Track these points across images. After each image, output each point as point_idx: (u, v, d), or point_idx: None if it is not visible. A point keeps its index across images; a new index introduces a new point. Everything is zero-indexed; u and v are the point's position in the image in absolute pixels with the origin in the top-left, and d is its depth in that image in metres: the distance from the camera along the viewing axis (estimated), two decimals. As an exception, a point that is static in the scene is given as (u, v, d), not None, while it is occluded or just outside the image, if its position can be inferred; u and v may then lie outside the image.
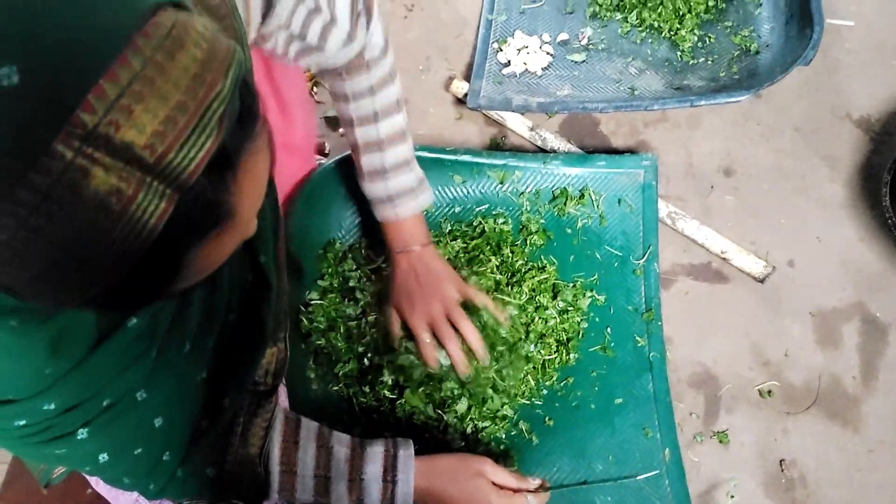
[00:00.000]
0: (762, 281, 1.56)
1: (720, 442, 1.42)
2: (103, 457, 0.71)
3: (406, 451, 1.02)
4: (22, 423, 0.63)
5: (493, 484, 1.05)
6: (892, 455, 1.43)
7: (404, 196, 1.23)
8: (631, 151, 1.70)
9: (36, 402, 0.62)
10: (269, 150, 0.53)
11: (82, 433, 0.68)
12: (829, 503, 1.39)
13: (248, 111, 0.48)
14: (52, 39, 0.38)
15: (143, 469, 0.77)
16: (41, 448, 0.68)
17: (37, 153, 0.38)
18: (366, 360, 1.31)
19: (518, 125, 1.69)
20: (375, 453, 1.01)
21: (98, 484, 1.11)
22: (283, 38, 0.96)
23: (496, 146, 1.71)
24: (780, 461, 1.41)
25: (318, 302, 1.38)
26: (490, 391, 1.26)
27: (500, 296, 1.33)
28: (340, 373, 1.32)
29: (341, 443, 1.00)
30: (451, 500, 1.02)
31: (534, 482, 1.11)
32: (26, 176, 0.38)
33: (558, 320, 1.39)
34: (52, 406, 0.64)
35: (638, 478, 1.29)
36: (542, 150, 1.68)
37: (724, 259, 1.57)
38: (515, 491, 1.07)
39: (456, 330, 1.18)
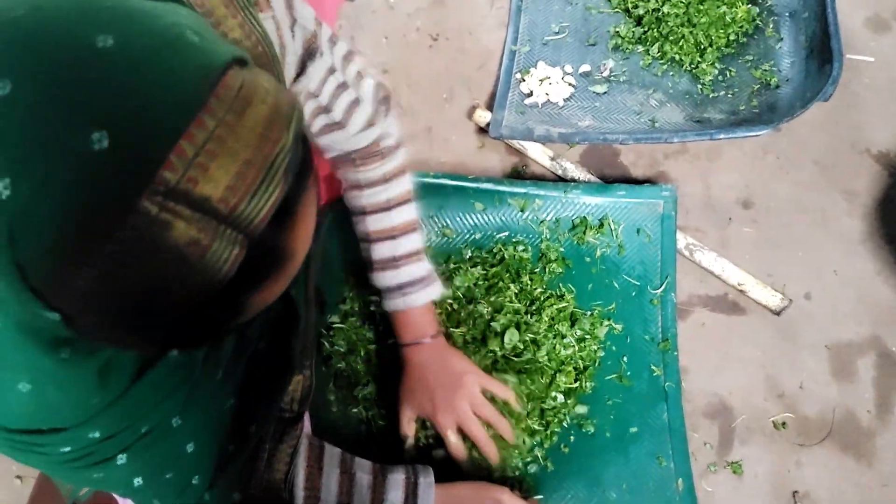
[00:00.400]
0: (779, 313, 1.57)
1: (734, 472, 1.43)
2: (138, 481, 0.74)
3: (426, 479, 1.04)
4: (67, 449, 0.66)
5: None
6: (907, 491, 1.44)
7: (416, 285, 1.22)
8: (650, 182, 1.72)
9: (82, 431, 0.65)
10: (317, 194, 0.56)
11: (121, 458, 0.71)
12: (842, 537, 1.39)
13: (305, 161, 0.52)
14: (137, 104, 0.42)
15: (172, 492, 0.80)
16: (81, 472, 0.71)
17: (125, 210, 0.41)
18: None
19: (539, 155, 1.73)
20: (397, 481, 1.03)
21: (126, 501, 1.14)
22: (311, 108, 0.98)
23: (517, 175, 1.74)
24: (794, 493, 1.42)
25: (340, 325, 1.41)
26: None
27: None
28: (360, 395, 1.35)
29: (364, 469, 1.03)
30: None
31: None
32: (114, 232, 0.41)
33: (577, 349, 1.41)
34: (97, 434, 0.67)
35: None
36: (563, 180, 1.71)
37: (740, 291, 1.59)
38: None
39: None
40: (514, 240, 1.55)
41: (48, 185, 0.40)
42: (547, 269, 1.51)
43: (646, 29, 1.87)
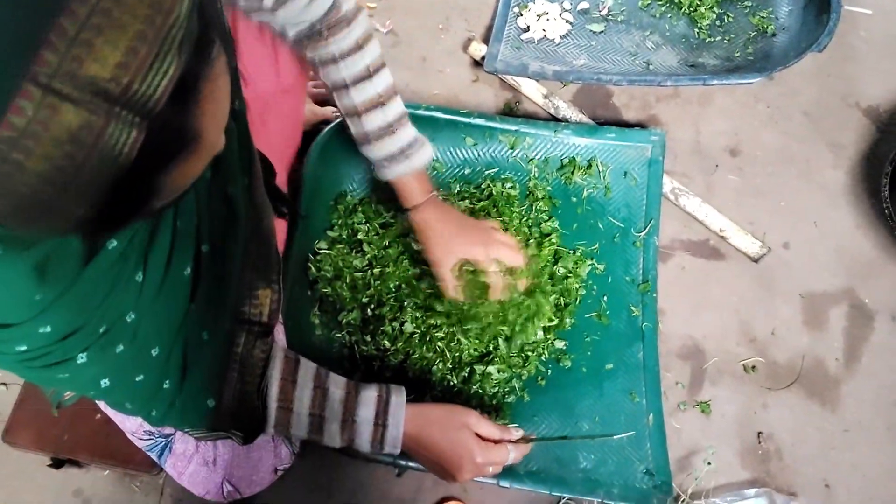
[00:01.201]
0: (757, 261, 1.61)
1: (702, 411, 1.48)
2: (104, 382, 0.76)
3: (398, 398, 1.08)
4: (23, 348, 0.68)
5: (477, 435, 1.10)
6: (867, 436, 1.50)
7: (414, 145, 1.24)
8: (641, 125, 1.73)
9: (31, 327, 0.66)
10: (227, 74, 0.55)
11: (81, 357, 0.72)
12: (802, 477, 1.45)
13: (204, 36, 0.50)
14: None
15: (144, 396, 0.82)
16: (44, 372, 0.72)
17: (9, 94, 0.40)
18: (369, 310, 1.37)
19: (533, 92, 1.73)
20: (369, 398, 1.06)
21: (106, 408, 1.17)
22: None
23: (510, 111, 1.74)
24: (758, 433, 1.48)
25: (327, 251, 1.43)
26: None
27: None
28: (343, 321, 1.38)
29: (337, 385, 1.05)
30: (437, 448, 1.08)
31: (516, 433, 1.17)
32: (3, 117, 0.40)
33: (558, 287, 1.44)
34: (48, 329, 0.67)
35: (615, 437, 1.35)
36: (555, 119, 1.72)
37: (721, 237, 1.62)
38: (497, 442, 1.13)
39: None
40: (502, 176, 1.56)
41: None
42: (534, 207, 1.53)
43: (647, -32, 1.85)
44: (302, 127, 1.47)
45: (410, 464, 1.25)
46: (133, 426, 1.18)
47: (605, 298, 1.49)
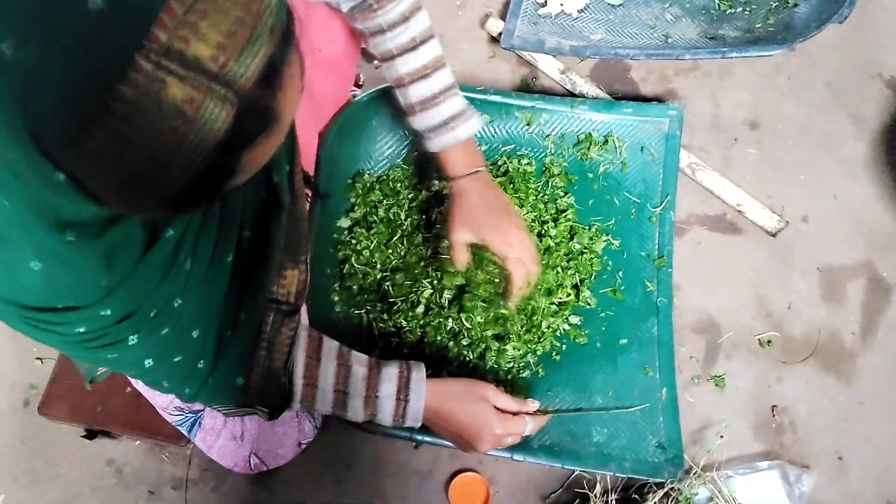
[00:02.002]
0: (774, 235, 1.61)
1: (716, 385, 1.50)
2: (148, 362, 0.81)
3: (418, 374, 1.11)
4: (82, 329, 0.72)
5: (496, 408, 1.14)
6: (882, 409, 1.51)
7: (459, 117, 1.25)
8: (659, 99, 1.73)
9: (95, 310, 0.71)
10: (301, 64, 0.59)
11: (132, 339, 0.77)
12: (815, 450, 1.47)
13: (288, 25, 0.55)
14: None
15: (180, 375, 0.87)
16: (96, 353, 0.77)
17: (125, 67, 0.45)
18: (386, 285, 1.40)
19: (549, 67, 1.73)
20: (391, 374, 1.09)
21: (137, 383, 1.22)
22: None
23: (526, 87, 1.75)
24: (773, 407, 1.49)
25: (347, 230, 1.47)
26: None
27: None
28: (363, 299, 1.41)
29: (360, 362, 1.09)
30: (456, 421, 1.11)
31: (533, 405, 1.20)
32: (117, 88, 0.45)
33: (571, 263, 1.46)
34: (109, 312, 0.72)
35: (629, 409, 1.38)
36: (571, 94, 1.72)
37: (739, 211, 1.62)
38: (515, 414, 1.16)
39: None
40: (518, 153, 1.57)
41: (53, 46, 0.44)
42: (550, 184, 1.54)
43: (666, -61, 1.83)
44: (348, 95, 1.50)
45: (427, 438, 1.28)
46: (164, 402, 1.23)
47: (620, 274, 1.50)
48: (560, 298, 1.42)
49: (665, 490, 1.32)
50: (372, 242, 1.45)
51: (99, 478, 1.42)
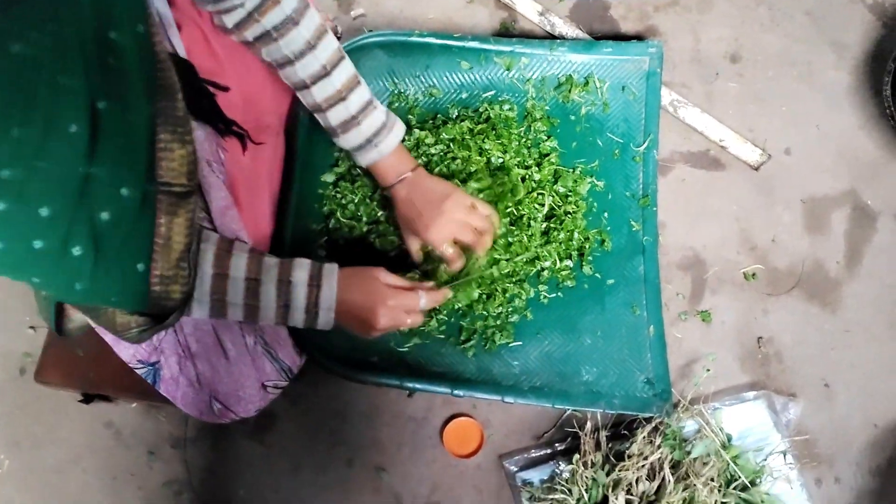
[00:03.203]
0: (757, 168, 1.61)
1: (703, 320, 1.52)
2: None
3: (330, 265, 1.14)
4: None
5: (388, 285, 1.17)
6: (867, 335, 1.53)
7: (381, 132, 1.27)
8: (639, 37, 1.71)
9: None
10: None
11: None
12: (801, 379, 1.50)
13: None
14: None
15: (49, 264, 0.80)
16: None
17: None
18: (372, 237, 1.41)
19: (528, 9, 1.71)
20: (303, 263, 1.11)
21: (106, 335, 1.20)
22: None
23: (506, 31, 1.73)
24: (758, 338, 1.51)
25: (331, 184, 1.46)
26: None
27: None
28: (350, 252, 1.42)
29: (272, 257, 1.11)
30: (351, 301, 1.13)
31: (428, 283, 1.23)
32: None
33: (561, 208, 1.46)
34: None
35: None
36: (551, 36, 1.70)
37: (722, 147, 1.62)
38: (409, 290, 1.19)
39: None
40: (499, 99, 1.56)
41: None
42: (532, 128, 1.54)
43: None
44: None
45: (418, 385, 1.30)
46: (127, 356, 1.22)
47: (606, 215, 1.51)
48: (548, 266, 1.44)
49: (654, 425, 1.34)
50: (357, 196, 1.45)
51: (98, 440, 1.45)
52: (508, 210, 1.41)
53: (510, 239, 1.40)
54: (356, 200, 1.44)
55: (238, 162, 1.28)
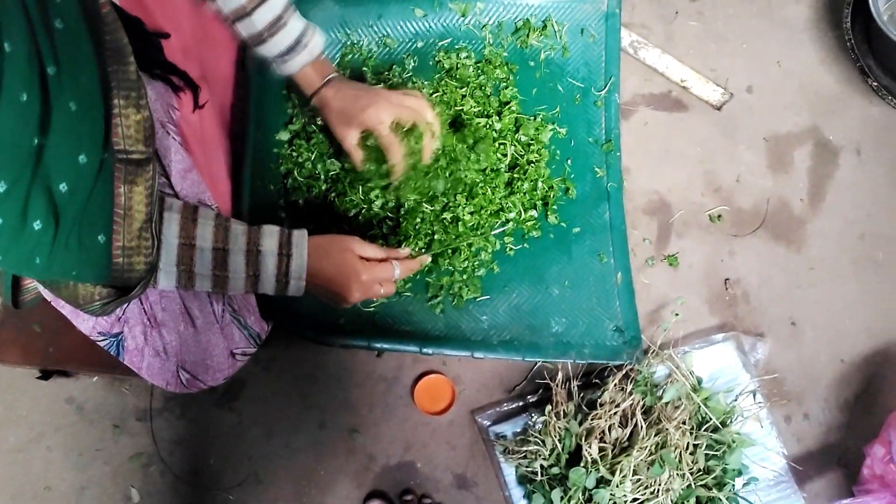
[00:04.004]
0: (720, 108, 1.60)
1: (670, 265, 1.51)
2: None
3: (300, 232, 1.10)
4: None
5: (361, 257, 1.13)
6: (831, 272, 1.54)
7: (307, 32, 1.22)
8: (596, -23, 1.67)
9: None
10: None
11: None
12: (769, 318, 1.50)
13: None
14: None
15: (7, 239, 0.77)
16: None
17: None
18: (331, 196, 1.37)
19: (481, -49, 1.65)
20: (271, 232, 1.08)
21: (63, 308, 1.16)
22: None
23: (459, -26, 1.67)
24: (725, 280, 1.51)
25: (287, 143, 1.42)
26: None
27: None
28: (307, 210, 1.38)
29: (238, 223, 1.07)
30: (324, 274, 1.10)
31: (403, 252, 1.20)
32: None
33: (524, 157, 1.43)
34: None
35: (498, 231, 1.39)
36: (506, -22, 1.65)
37: (683, 87, 1.60)
38: (382, 261, 1.16)
39: None
40: (456, 47, 1.52)
41: None
42: (490, 76, 1.50)
43: None
44: None
45: (386, 345, 1.29)
46: (87, 329, 1.18)
47: (569, 162, 1.48)
48: (512, 217, 1.41)
49: (625, 372, 1.34)
50: (313, 153, 1.40)
51: (60, 417, 1.41)
52: (479, 163, 1.37)
53: (477, 190, 1.37)
54: (313, 158, 1.40)
55: (187, 121, 1.23)
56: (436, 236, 1.33)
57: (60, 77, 0.77)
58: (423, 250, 1.32)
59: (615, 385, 1.33)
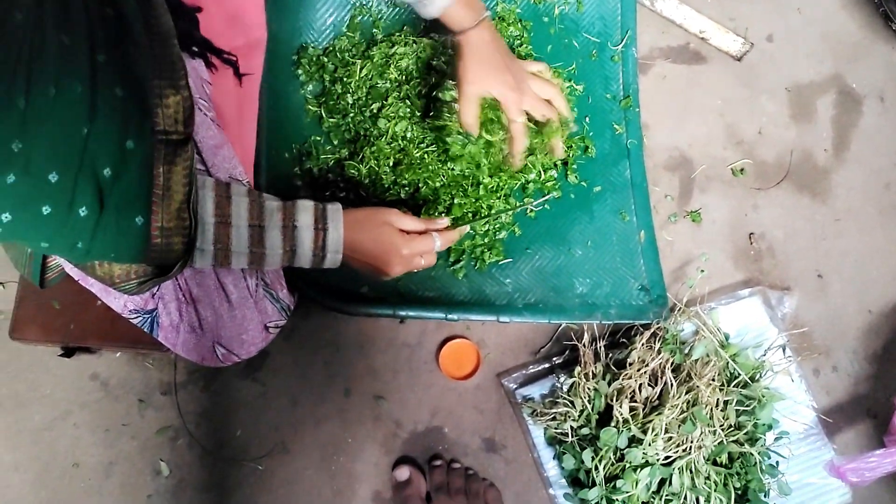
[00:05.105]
0: (740, 59, 1.56)
1: (693, 221, 1.49)
2: (6, 216, 0.72)
3: (334, 206, 1.09)
4: None
5: (401, 230, 1.12)
6: (858, 222, 1.51)
7: None
8: (609, -73, 1.62)
9: None
10: None
11: None
12: (795, 271, 1.48)
13: None
14: None
15: (57, 228, 0.78)
16: None
17: None
18: (349, 165, 1.35)
19: None
20: (306, 206, 1.06)
21: (93, 286, 1.16)
22: None
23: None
24: (750, 235, 1.49)
25: (314, 99, 1.40)
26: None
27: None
28: (324, 180, 1.36)
29: (272, 199, 1.06)
30: (364, 249, 1.10)
31: (442, 222, 1.18)
32: None
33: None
34: None
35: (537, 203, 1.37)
36: (516, -68, 1.61)
37: (702, 39, 1.56)
38: (422, 233, 1.15)
39: None
40: (468, 4, 1.48)
41: None
42: (505, 34, 1.46)
43: None
44: None
45: (411, 313, 1.27)
46: (118, 306, 1.18)
47: (588, 119, 1.46)
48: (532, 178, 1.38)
49: (652, 331, 1.32)
50: (337, 111, 1.38)
51: (85, 393, 1.41)
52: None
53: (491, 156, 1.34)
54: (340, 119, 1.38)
55: (224, 91, 1.20)
56: (455, 200, 1.31)
57: (109, 64, 0.78)
58: (444, 214, 1.29)
59: (643, 344, 1.31)
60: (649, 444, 1.23)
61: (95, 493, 1.36)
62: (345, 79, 1.40)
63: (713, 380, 1.29)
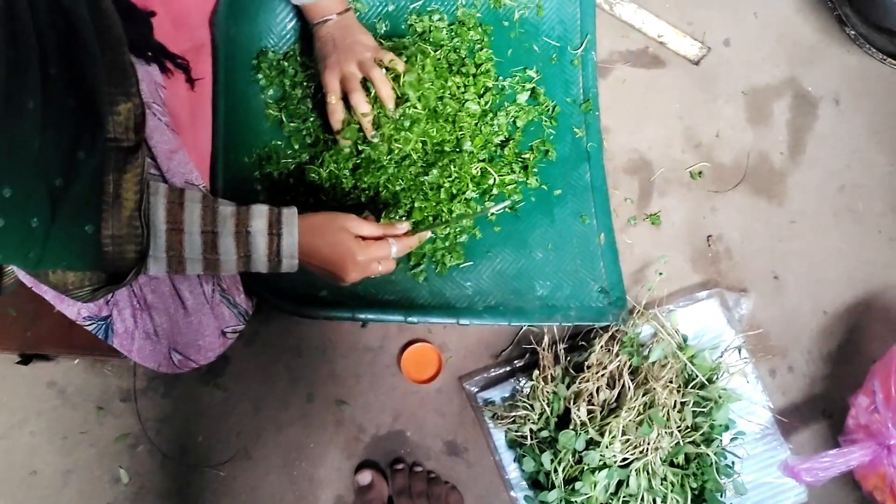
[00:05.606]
0: (697, 63, 1.58)
1: (652, 223, 1.51)
2: None
3: (289, 210, 1.08)
4: None
5: (358, 236, 1.12)
6: (812, 224, 1.54)
7: None
8: (569, -69, 1.63)
9: None
10: None
11: None
12: (751, 273, 1.51)
13: None
14: None
15: (12, 241, 0.78)
16: None
17: None
18: (310, 166, 1.34)
19: None
20: (261, 211, 1.05)
21: (47, 294, 1.15)
22: None
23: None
24: (708, 237, 1.51)
25: (274, 104, 1.39)
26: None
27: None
28: (282, 182, 1.36)
29: (226, 204, 1.05)
30: (320, 254, 1.09)
31: (402, 227, 1.18)
32: None
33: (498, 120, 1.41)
34: None
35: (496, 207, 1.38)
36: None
37: (660, 43, 1.58)
38: (380, 239, 1.15)
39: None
40: (428, 9, 1.48)
41: None
42: (464, 38, 1.46)
43: None
44: None
45: (371, 316, 1.27)
46: (72, 313, 1.16)
47: (548, 123, 1.46)
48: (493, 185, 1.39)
49: (611, 333, 1.34)
50: (294, 119, 1.38)
51: (42, 401, 1.39)
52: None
53: (452, 158, 1.35)
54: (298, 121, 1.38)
55: (177, 95, 1.20)
56: (416, 203, 1.31)
57: (61, 76, 0.77)
58: (404, 218, 1.29)
59: (602, 347, 1.33)
60: (607, 447, 1.24)
61: (53, 502, 1.35)
62: (305, 83, 1.40)
63: (670, 382, 1.30)
